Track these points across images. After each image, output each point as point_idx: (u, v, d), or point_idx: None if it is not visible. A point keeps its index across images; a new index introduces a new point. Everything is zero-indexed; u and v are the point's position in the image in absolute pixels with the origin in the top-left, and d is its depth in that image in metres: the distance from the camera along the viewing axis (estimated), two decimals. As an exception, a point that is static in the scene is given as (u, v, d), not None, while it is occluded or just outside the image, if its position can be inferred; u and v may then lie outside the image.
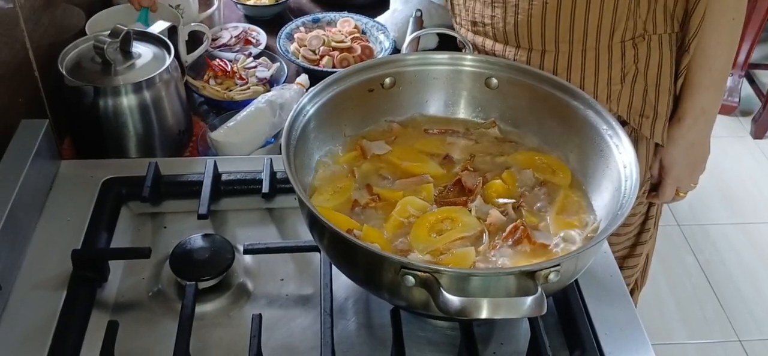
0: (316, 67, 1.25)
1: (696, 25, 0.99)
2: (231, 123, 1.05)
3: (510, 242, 0.76)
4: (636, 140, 1.09)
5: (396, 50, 1.31)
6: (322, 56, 1.27)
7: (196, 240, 0.84)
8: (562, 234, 0.78)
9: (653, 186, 1.17)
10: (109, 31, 0.97)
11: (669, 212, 2.46)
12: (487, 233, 0.77)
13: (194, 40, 1.24)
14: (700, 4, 0.97)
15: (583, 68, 1.00)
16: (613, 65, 1.00)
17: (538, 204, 0.82)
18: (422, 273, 0.63)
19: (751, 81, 2.98)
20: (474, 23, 1.04)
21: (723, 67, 1.04)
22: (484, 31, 1.04)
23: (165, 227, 0.91)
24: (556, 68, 1.00)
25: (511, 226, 0.77)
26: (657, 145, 1.11)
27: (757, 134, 2.85)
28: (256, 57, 1.27)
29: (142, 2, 1.13)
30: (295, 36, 1.32)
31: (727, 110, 2.89)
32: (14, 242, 0.80)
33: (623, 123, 1.04)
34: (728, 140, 2.83)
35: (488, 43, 1.04)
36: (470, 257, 0.74)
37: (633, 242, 1.24)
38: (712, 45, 1.01)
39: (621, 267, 1.19)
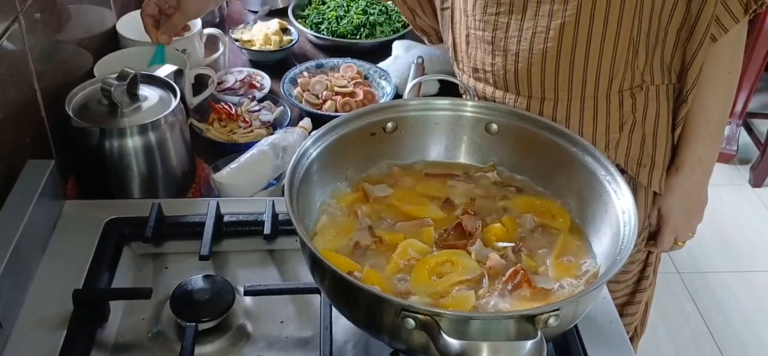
0: (319, 111, 1.26)
1: (693, 78, 1.01)
2: (234, 165, 1.06)
3: (510, 286, 0.76)
4: (634, 188, 1.10)
5: (398, 95, 1.33)
6: (325, 100, 1.29)
7: (197, 281, 0.84)
8: (562, 280, 0.78)
9: (652, 235, 1.17)
10: (116, 74, 0.99)
11: (668, 259, 2.46)
12: (487, 276, 0.77)
13: (200, 83, 1.26)
14: (697, 58, 0.99)
15: (581, 116, 1.01)
16: (612, 114, 1.02)
17: (538, 249, 0.82)
18: (422, 316, 0.63)
19: (749, 130, 3.01)
20: (475, 70, 1.06)
21: (719, 119, 1.05)
22: (485, 78, 1.06)
23: (166, 268, 0.92)
24: (555, 115, 1.02)
25: (511, 270, 0.77)
26: (655, 194, 1.12)
27: (755, 183, 2.87)
28: (260, 101, 1.29)
29: (159, 38, 1.14)
30: (299, 81, 1.35)
31: (725, 158, 2.90)
32: (16, 281, 0.80)
33: (621, 171, 1.05)
34: (727, 188, 2.85)
35: (489, 90, 1.06)
36: (470, 300, 0.74)
37: (632, 289, 1.24)
38: (709, 97, 1.03)
39: (620, 314, 1.19)
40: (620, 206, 0.79)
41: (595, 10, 0.93)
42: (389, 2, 1.21)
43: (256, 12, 1.68)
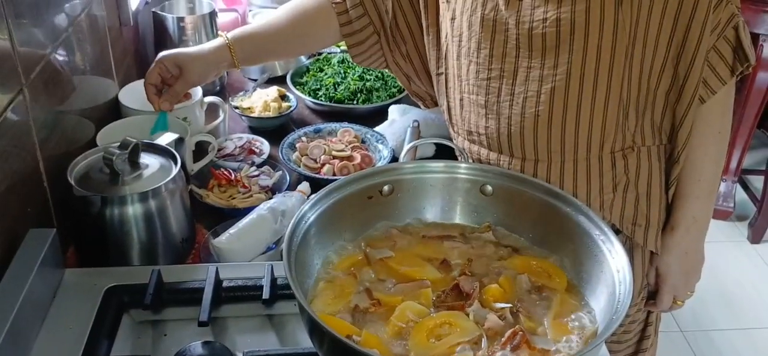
0: (317, 175, 1.28)
1: (684, 139, 1.02)
2: (233, 230, 1.07)
3: (509, 347, 0.76)
4: (631, 248, 1.10)
5: (394, 159, 1.34)
6: (323, 165, 1.31)
7: (196, 348, 0.84)
8: (561, 340, 0.78)
9: (651, 294, 1.17)
10: (118, 143, 1.01)
11: (671, 318, 2.44)
12: (485, 337, 0.77)
13: (200, 149, 1.28)
14: (687, 119, 1.01)
15: (575, 177, 1.03)
16: (605, 175, 1.03)
17: (536, 309, 0.82)
18: (421, 379, 0.63)
19: (745, 187, 3.03)
20: (469, 132, 1.09)
21: (712, 178, 1.07)
22: (479, 140, 1.08)
23: (165, 335, 0.91)
24: (549, 177, 1.03)
25: (510, 332, 0.77)
26: (652, 253, 1.12)
27: (754, 239, 2.87)
28: (259, 166, 1.31)
29: (162, 106, 1.17)
30: (297, 146, 1.37)
31: (722, 215, 2.91)
32: (16, 350, 0.80)
33: (617, 232, 1.06)
34: (726, 245, 2.85)
35: (483, 152, 1.08)
36: (469, 362, 0.74)
37: (634, 349, 1.24)
38: (700, 157, 1.05)
39: (623, 375, 1.18)
40: (615, 266, 0.79)
41: (585, 75, 0.95)
42: (386, 69, 1.24)
43: (255, 80, 1.71)
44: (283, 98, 1.56)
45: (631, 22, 0.93)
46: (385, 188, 0.94)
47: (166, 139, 1.10)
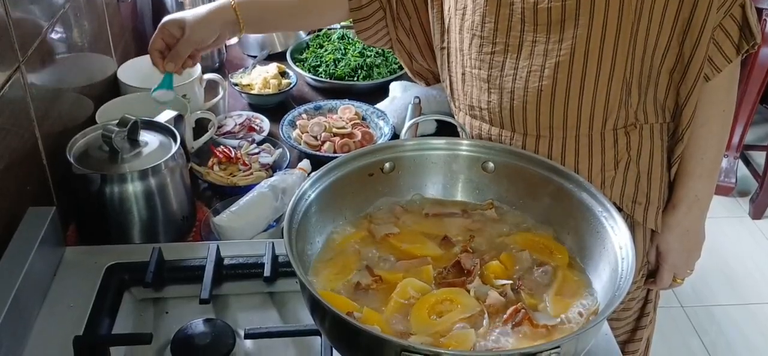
0: (317, 153, 1.27)
1: (688, 117, 1.02)
2: (234, 208, 1.06)
3: (510, 324, 0.76)
4: (632, 226, 1.10)
5: (395, 136, 1.34)
6: (323, 142, 1.31)
7: (198, 325, 0.84)
8: (562, 316, 0.78)
9: (651, 273, 1.18)
10: (117, 120, 1.00)
11: (672, 293, 2.44)
12: (486, 314, 0.77)
13: (200, 127, 1.27)
14: (692, 98, 1.00)
15: (577, 154, 1.02)
16: (606, 152, 1.03)
17: (537, 285, 0.82)
18: (423, 356, 0.63)
19: (747, 162, 3.02)
20: (471, 107, 1.08)
21: (715, 157, 1.07)
22: (481, 116, 1.07)
23: (167, 313, 0.92)
24: (550, 153, 1.03)
25: (511, 309, 0.77)
26: (653, 232, 1.12)
27: (755, 215, 2.87)
28: (260, 143, 1.30)
29: (166, 67, 1.14)
30: (298, 123, 1.36)
31: (724, 191, 2.91)
32: (16, 329, 0.80)
33: (618, 209, 1.06)
34: (728, 221, 2.84)
35: (485, 127, 1.07)
36: (471, 338, 0.74)
37: (633, 326, 1.24)
38: (704, 135, 1.04)
39: (622, 352, 1.18)
40: (617, 242, 0.79)
41: (589, 51, 0.95)
42: (388, 48, 1.23)
43: (254, 56, 1.70)
44: (283, 74, 1.55)
45: None
46: (386, 165, 0.93)
47: (165, 116, 1.09)
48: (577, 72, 0.96)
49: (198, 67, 1.35)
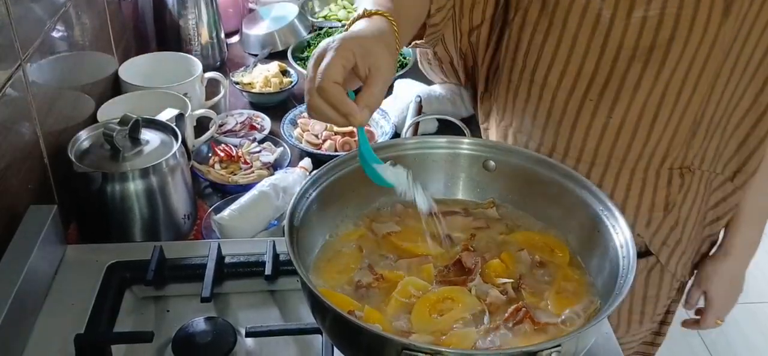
0: (318, 151, 1.27)
1: (754, 167, 1.01)
2: (235, 206, 1.07)
3: (511, 323, 0.76)
4: (661, 270, 1.09)
5: (396, 134, 1.34)
6: (324, 140, 1.31)
7: (199, 324, 0.84)
8: (563, 314, 0.78)
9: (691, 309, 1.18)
10: (119, 119, 1.00)
11: (673, 292, 2.44)
12: (488, 313, 0.77)
13: (201, 125, 1.28)
14: (761, 148, 0.99)
15: (628, 189, 1.01)
16: (658, 191, 1.01)
17: (538, 284, 0.82)
18: (424, 354, 0.63)
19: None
20: (521, 124, 1.05)
21: None
22: (530, 135, 1.04)
23: (168, 311, 0.92)
24: (602, 183, 1.00)
25: (513, 308, 0.77)
26: (697, 278, 1.13)
27: (756, 214, 2.87)
28: (261, 142, 1.30)
29: (361, 117, 0.79)
30: (299, 121, 1.36)
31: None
32: (18, 327, 0.80)
33: (648, 254, 1.06)
34: (728, 220, 2.85)
35: (532, 145, 1.05)
36: (472, 337, 0.74)
37: (651, 340, 1.25)
38: (764, 184, 1.04)
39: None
40: (618, 241, 0.79)
41: (670, 85, 0.93)
42: (437, 48, 1.11)
43: (255, 55, 1.70)
44: (284, 73, 1.55)
45: (731, 39, 0.90)
46: (388, 163, 0.93)
47: (166, 114, 1.09)
48: (652, 105, 0.94)
49: (199, 66, 1.35)
